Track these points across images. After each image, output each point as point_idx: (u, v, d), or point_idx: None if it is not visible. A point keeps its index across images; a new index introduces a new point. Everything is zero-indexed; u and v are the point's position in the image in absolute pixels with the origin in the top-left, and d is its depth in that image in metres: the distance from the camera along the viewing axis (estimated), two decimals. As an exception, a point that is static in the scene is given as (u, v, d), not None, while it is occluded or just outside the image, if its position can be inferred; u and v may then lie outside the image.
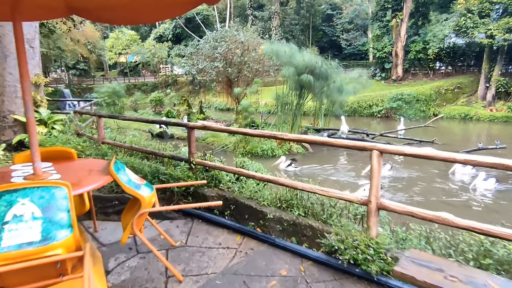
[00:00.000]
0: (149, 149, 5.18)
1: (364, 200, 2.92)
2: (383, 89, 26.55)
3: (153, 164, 4.43)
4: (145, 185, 2.68)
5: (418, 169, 10.92)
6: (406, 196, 8.74)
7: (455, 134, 17.93)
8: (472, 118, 22.23)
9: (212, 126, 4.17)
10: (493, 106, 22.67)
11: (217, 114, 26.34)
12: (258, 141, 12.69)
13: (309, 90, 13.18)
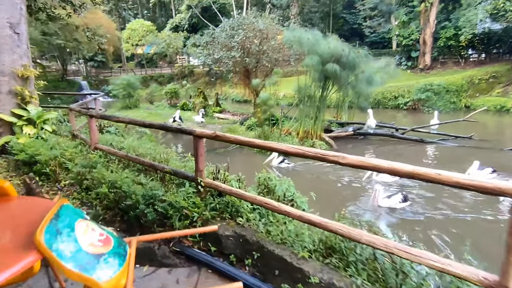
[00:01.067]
0: (147, 160, 4.18)
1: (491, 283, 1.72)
2: (409, 79, 24.95)
3: (150, 182, 3.51)
4: (111, 253, 1.57)
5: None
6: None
7: (491, 128, 16.43)
8: (509, 110, 20.46)
9: (226, 136, 3.06)
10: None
11: (234, 106, 25.52)
12: (278, 138, 11.77)
13: (334, 81, 12.09)
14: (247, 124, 14.18)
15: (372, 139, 13.74)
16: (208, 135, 3.16)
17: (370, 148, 12.82)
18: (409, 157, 11.74)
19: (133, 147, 4.66)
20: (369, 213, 7.07)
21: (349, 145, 12.98)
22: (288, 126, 12.87)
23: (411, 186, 8.54)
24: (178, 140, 14.84)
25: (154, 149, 4.90)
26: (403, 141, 13.09)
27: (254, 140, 2.82)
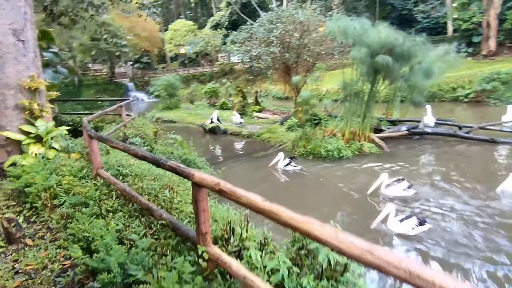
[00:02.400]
0: (144, 199, 3.26)
1: None
2: (470, 68, 22.23)
3: (139, 241, 2.56)
4: None
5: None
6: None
7: None
8: None
9: (234, 192, 2.12)
10: None
11: (275, 103, 24.61)
12: (321, 140, 10.71)
13: (385, 75, 10.70)
14: (287, 124, 13.25)
15: (430, 139, 12.10)
16: (211, 186, 2.24)
17: (428, 149, 11.25)
18: (476, 161, 10.05)
19: (139, 175, 3.90)
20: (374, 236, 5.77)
21: (402, 146, 11.53)
22: (332, 126, 11.73)
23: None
24: (217, 142, 14.34)
25: (165, 179, 3.87)
26: (468, 141, 11.32)
27: (277, 209, 1.79)
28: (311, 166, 9.93)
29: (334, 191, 8.12)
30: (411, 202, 7.15)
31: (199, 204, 2.30)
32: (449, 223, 6.20)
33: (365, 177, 8.62)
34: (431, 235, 5.77)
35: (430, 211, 6.72)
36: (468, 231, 5.88)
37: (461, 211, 6.61)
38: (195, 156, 8.64)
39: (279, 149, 11.67)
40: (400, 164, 9.61)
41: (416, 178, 8.50)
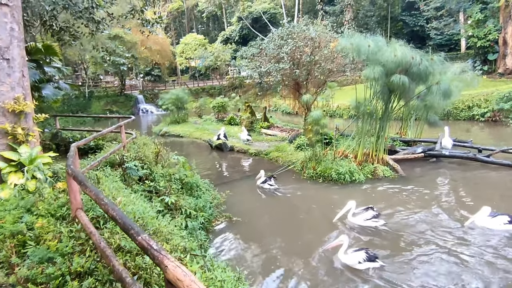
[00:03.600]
0: (117, 264, 2.50)
1: None
2: (486, 86, 21.50)
3: None
4: None
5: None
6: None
7: None
8: None
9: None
10: None
11: (284, 119, 24.21)
12: (332, 161, 10.17)
13: (401, 95, 10.18)
14: (296, 143, 12.76)
15: (447, 161, 11.45)
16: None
17: (446, 173, 10.59)
18: (497, 188, 9.35)
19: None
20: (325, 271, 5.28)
21: (418, 169, 10.90)
22: (344, 147, 11.18)
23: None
24: (223, 160, 13.89)
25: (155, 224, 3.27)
26: (489, 165, 10.64)
27: None
28: (309, 188, 9.47)
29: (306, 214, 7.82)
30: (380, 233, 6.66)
31: None
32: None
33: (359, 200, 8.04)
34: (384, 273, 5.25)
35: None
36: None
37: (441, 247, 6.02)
38: (198, 178, 8.18)
39: (287, 169, 11.16)
40: (414, 189, 9.01)
41: (424, 205, 7.88)
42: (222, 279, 2.91)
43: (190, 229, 6.28)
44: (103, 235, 3.16)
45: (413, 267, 5.48)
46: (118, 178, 6.03)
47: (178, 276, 1.72)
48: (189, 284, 1.65)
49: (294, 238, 6.79)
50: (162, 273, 2.38)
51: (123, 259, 2.85)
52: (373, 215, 6.82)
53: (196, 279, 1.67)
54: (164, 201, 6.55)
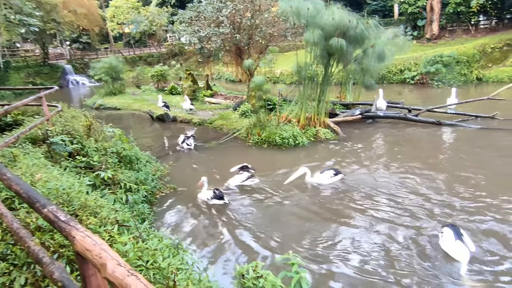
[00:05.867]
0: (33, 245, 2.09)
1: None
2: (416, 51, 23.02)
3: None
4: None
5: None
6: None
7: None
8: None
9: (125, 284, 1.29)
10: (552, 65, 19.08)
11: (228, 87, 23.75)
12: (276, 126, 10.24)
13: (340, 58, 10.39)
14: (240, 110, 12.60)
15: (382, 122, 12.22)
16: (95, 264, 1.50)
17: (380, 133, 11.32)
18: (424, 143, 10.28)
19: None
20: None
21: (357, 130, 11.48)
22: (287, 112, 11.30)
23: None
24: (166, 131, 13.28)
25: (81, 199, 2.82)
26: (417, 123, 11.57)
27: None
28: (253, 153, 9.59)
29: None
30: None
31: (88, 282, 1.57)
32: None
33: (302, 162, 8.35)
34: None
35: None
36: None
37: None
38: (138, 151, 7.70)
39: (232, 137, 11.04)
40: (353, 148, 9.53)
41: (366, 163, 8.42)
42: (158, 248, 2.76)
43: (131, 203, 5.97)
44: (18, 215, 2.77)
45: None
46: (42, 155, 5.38)
47: (87, 246, 1.52)
48: (99, 253, 1.45)
49: (243, 203, 6.81)
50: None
51: (43, 238, 2.53)
52: (247, 176, 7.25)
53: (108, 248, 1.48)
54: (99, 176, 6.07)
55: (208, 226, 5.96)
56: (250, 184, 7.37)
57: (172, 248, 3.02)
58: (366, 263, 4.70)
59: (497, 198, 6.30)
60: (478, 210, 5.96)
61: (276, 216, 6.18)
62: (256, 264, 2.17)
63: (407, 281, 4.29)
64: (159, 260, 2.52)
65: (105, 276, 1.34)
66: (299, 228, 5.75)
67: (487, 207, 6.03)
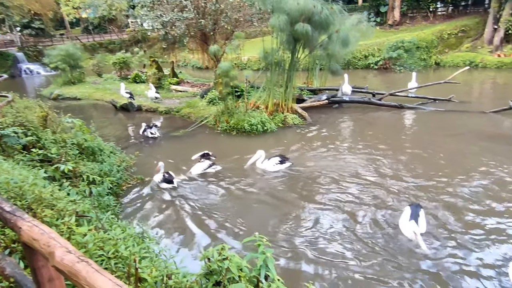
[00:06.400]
0: None
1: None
2: (379, 36, 23.63)
3: None
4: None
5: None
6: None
7: (466, 87, 15.64)
8: (477, 65, 19.97)
9: (75, 271, 1.19)
10: (501, 51, 20.35)
11: (195, 74, 23.25)
12: (244, 113, 10.19)
13: (305, 44, 10.44)
14: (208, 98, 12.40)
15: (348, 106, 12.52)
16: (42, 254, 1.40)
17: (346, 117, 11.61)
18: (387, 126, 10.69)
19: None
20: None
21: (324, 115, 11.69)
22: (255, 99, 11.27)
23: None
24: (130, 121, 12.82)
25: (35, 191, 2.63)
26: (381, 107, 11.98)
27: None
28: (222, 141, 9.54)
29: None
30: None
31: (39, 274, 1.47)
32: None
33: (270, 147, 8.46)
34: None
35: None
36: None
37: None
38: (101, 142, 7.39)
39: (200, 125, 10.86)
40: (320, 133, 9.73)
41: (332, 146, 8.64)
42: (122, 238, 2.68)
43: (96, 195, 5.75)
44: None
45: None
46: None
47: (34, 235, 1.42)
48: (47, 241, 1.36)
49: (208, 191, 6.76)
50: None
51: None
52: (209, 164, 7.28)
53: (58, 236, 1.39)
54: (59, 169, 5.76)
55: (174, 216, 5.88)
56: (213, 172, 7.35)
57: (137, 237, 2.95)
58: (331, 244, 4.83)
59: (454, 175, 6.70)
60: (437, 187, 6.32)
61: (241, 203, 6.20)
62: (222, 247, 2.15)
63: (368, 260, 4.46)
64: (122, 250, 2.45)
65: (53, 264, 1.25)
66: (264, 213, 5.82)
67: (446, 183, 6.41)
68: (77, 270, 1.13)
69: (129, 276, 2.05)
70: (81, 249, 2.27)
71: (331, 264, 4.41)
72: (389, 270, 4.25)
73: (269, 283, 1.96)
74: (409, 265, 4.33)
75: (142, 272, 2.08)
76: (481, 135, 9.14)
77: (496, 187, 6.21)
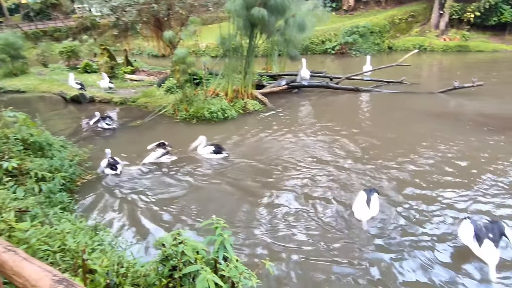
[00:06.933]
0: None
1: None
2: (335, 22, 24.13)
3: None
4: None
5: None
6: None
7: (416, 69, 16.50)
8: (426, 49, 21.14)
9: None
10: (446, 35, 21.67)
11: (151, 62, 22.34)
12: (203, 101, 9.99)
13: (262, 29, 10.37)
14: (165, 86, 11.99)
15: (307, 91, 12.72)
16: None
17: (305, 101, 11.82)
18: (345, 109, 11.04)
19: None
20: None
21: (283, 100, 11.79)
22: (214, 86, 11.08)
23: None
24: (83, 113, 12.09)
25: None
26: (339, 91, 12.32)
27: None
28: (182, 130, 9.37)
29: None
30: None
31: None
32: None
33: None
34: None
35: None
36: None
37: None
38: (49, 136, 6.90)
39: (158, 114, 10.50)
40: (280, 118, 9.82)
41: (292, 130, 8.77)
42: (71, 231, 2.53)
43: (47, 193, 5.40)
44: None
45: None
46: None
47: None
48: None
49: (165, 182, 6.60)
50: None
51: None
52: (162, 153, 7.16)
53: None
54: (2, 167, 5.31)
55: (131, 209, 5.65)
56: (168, 162, 7.20)
57: (90, 230, 2.79)
58: (288, 228, 4.86)
59: (406, 153, 7.08)
60: (388, 166, 6.63)
61: (199, 193, 6.08)
62: (178, 232, 2.09)
63: (325, 242, 4.50)
64: (69, 243, 2.31)
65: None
66: (223, 201, 5.74)
67: (398, 162, 6.74)
68: (3, 260, 1.03)
69: (76, 267, 1.94)
70: (23, 245, 2.11)
71: (289, 247, 4.44)
72: (344, 251, 4.33)
73: (227, 264, 1.95)
74: (363, 246, 4.41)
75: (93, 263, 1.98)
76: (431, 114, 9.74)
77: (443, 161, 6.65)
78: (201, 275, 1.67)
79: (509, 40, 20.39)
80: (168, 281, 1.92)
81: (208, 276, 1.65)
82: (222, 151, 7.35)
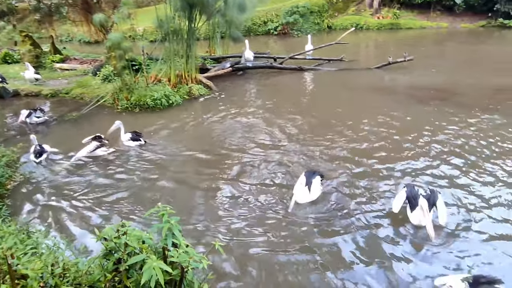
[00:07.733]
0: None
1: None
2: (275, 2, 24.10)
3: None
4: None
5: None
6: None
7: (355, 47, 17.25)
8: (362, 27, 22.13)
9: None
10: (379, 13, 22.83)
11: (84, 49, 20.57)
12: (145, 88, 9.49)
13: (201, 9, 9.99)
14: (101, 75, 11.13)
15: (252, 72, 12.69)
16: None
17: (251, 83, 11.80)
18: (290, 88, 11.23)
19: None
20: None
21: (229, 83, 11.65)
22: (156, 71, 10.56)
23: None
24: (7, 109, 10.84)
25: None
26: (283, 71, 12.47)
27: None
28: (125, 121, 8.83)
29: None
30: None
31: None
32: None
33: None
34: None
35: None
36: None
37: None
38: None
39: (97, 105, 9.78)
40: (227, 101, 9.71)
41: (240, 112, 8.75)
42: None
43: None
44: None
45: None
46: None
47: None
48: None
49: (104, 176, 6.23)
50: None
51: None
52: (96, 146, 6.82)
53: None
54: None
55: (70, 208, 5.20)
56: (105, 154, 6.84)
57: (22, 234, 2.52)
58: (234, 216, 4.74)
59: (353, 127, 7.41)
60: (334, 140, 6.91)
61: (142, 187, 5.76)
62: (122, 224, 1.96)
63: (270, 228, 4.42)
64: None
65: None
66: (167, 195, 5.47)
67: (348, 140, 7.02)
68: None
69: (3, 274, 1.73)
70: None
71: (236, 239, 4.30)
72: (289, 236, 4.28)
73: (177, 250, 1.87)
74: (309, 231, 4.36)
75: (25, 268, 1.78)
76: (369, 89, 10.30)
77: (385, 136, 6.99)
78: (147, 263, 1.58)
79: (433, 17, 22.15)
80: (114, 275, 1.80)
81: (154, 264, 1.57)
82: (140, 138, 7.17)
